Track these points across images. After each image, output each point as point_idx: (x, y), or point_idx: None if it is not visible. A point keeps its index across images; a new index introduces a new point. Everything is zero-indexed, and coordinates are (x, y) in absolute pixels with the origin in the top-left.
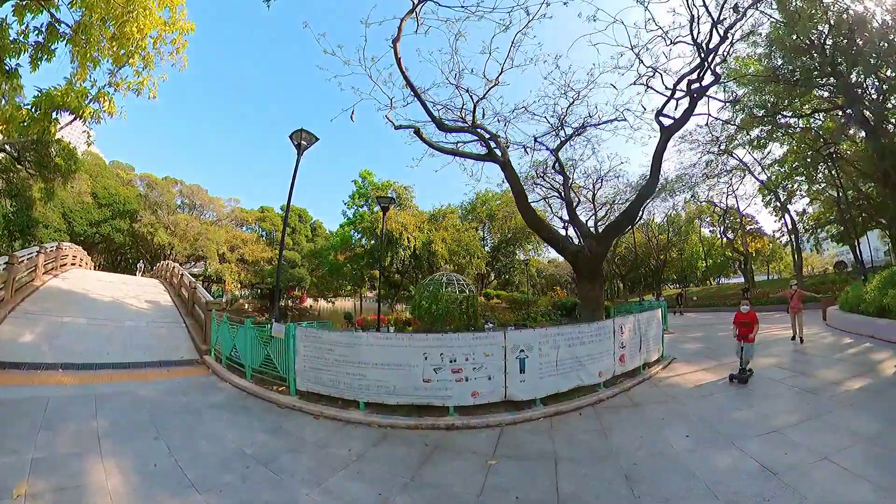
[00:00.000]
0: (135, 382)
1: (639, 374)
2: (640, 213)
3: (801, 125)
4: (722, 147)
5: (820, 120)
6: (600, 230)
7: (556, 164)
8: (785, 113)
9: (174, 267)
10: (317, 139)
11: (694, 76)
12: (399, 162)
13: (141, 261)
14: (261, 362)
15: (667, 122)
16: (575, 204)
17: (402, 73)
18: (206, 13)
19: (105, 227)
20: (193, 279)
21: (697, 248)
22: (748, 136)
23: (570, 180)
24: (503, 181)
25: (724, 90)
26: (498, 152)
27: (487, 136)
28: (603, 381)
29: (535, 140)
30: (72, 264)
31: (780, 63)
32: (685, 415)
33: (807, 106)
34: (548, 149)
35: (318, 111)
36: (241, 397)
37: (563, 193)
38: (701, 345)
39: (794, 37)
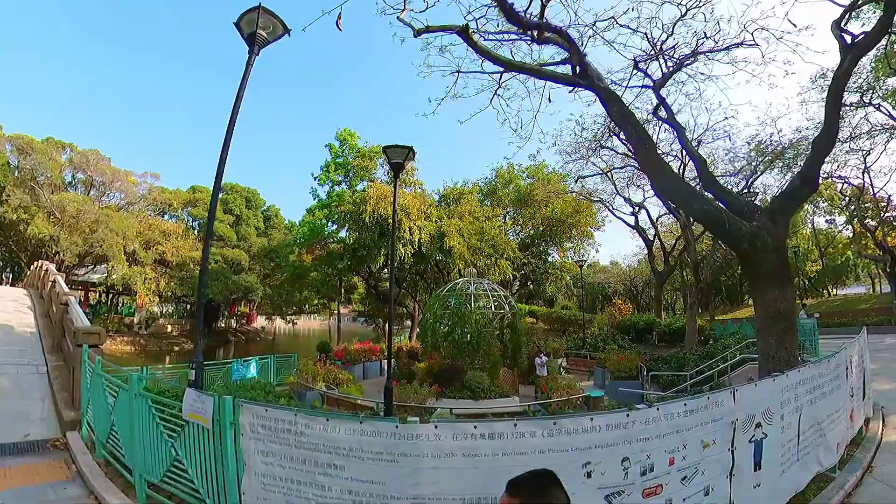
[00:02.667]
0: None
1: (863, 438)
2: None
3: None
4: (868, 99)
5: None
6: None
7: (661, 109)
8: None
9: (46, 269)
10: (285, 29)
11: None
12: (391, 127)
13: (8, 266)
14: (166, 469)
15: (848, 39)
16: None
17: None
18: None
19: None
20: (67, 290)
21: (808, 246)
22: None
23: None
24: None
25: None
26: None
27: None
28: (839, 457)
29: (636, 65)
30: None
31: None
32: None
33: None
34: (651, 84)
35: (275, 72)
36: None
37: (685, 149)
38: (893, 384)
39: None
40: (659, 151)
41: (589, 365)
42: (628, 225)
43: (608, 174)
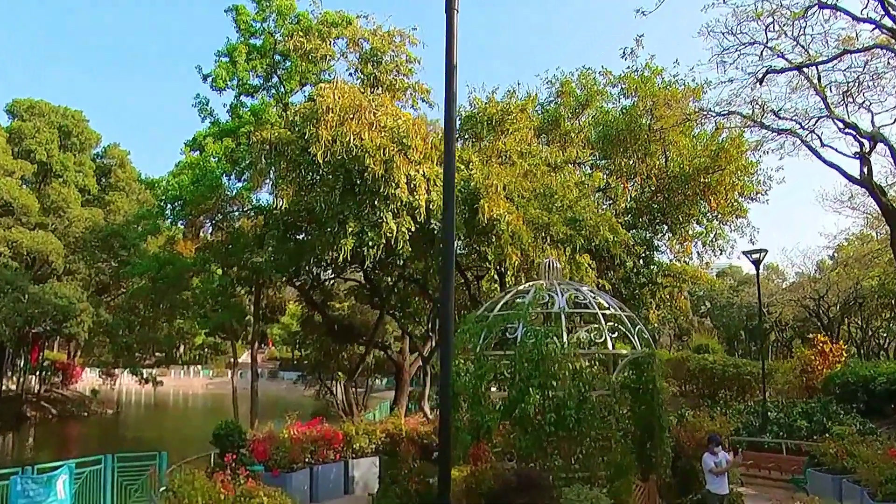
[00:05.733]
0: None
1: None
2: None
3: None
4: None
5: None
6: None
7: None
8: None
9: None
10: None
11: None
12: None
13: None
14: None
15: None
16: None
17: None
18: None
19: None
20: None
21: None
22: None
23: None
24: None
25: None
26: None
27: None
28: None
29: None
30: None
31: None
32: None
33: None
34: None
35: None
36: None
37: None
38: None
39: None
40: None
41: (786, 466)
42: (847, 177)
43: (808, 74)
